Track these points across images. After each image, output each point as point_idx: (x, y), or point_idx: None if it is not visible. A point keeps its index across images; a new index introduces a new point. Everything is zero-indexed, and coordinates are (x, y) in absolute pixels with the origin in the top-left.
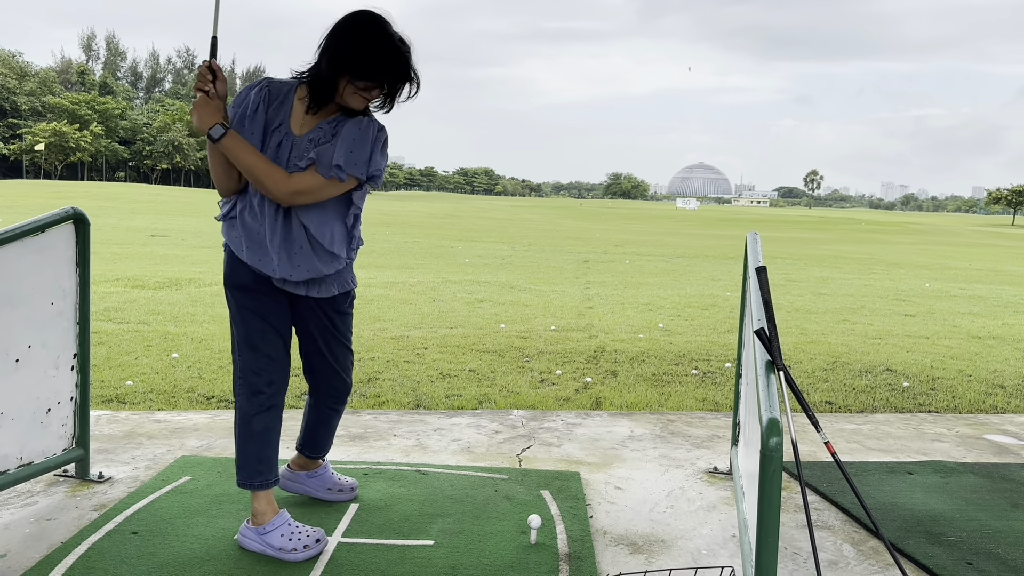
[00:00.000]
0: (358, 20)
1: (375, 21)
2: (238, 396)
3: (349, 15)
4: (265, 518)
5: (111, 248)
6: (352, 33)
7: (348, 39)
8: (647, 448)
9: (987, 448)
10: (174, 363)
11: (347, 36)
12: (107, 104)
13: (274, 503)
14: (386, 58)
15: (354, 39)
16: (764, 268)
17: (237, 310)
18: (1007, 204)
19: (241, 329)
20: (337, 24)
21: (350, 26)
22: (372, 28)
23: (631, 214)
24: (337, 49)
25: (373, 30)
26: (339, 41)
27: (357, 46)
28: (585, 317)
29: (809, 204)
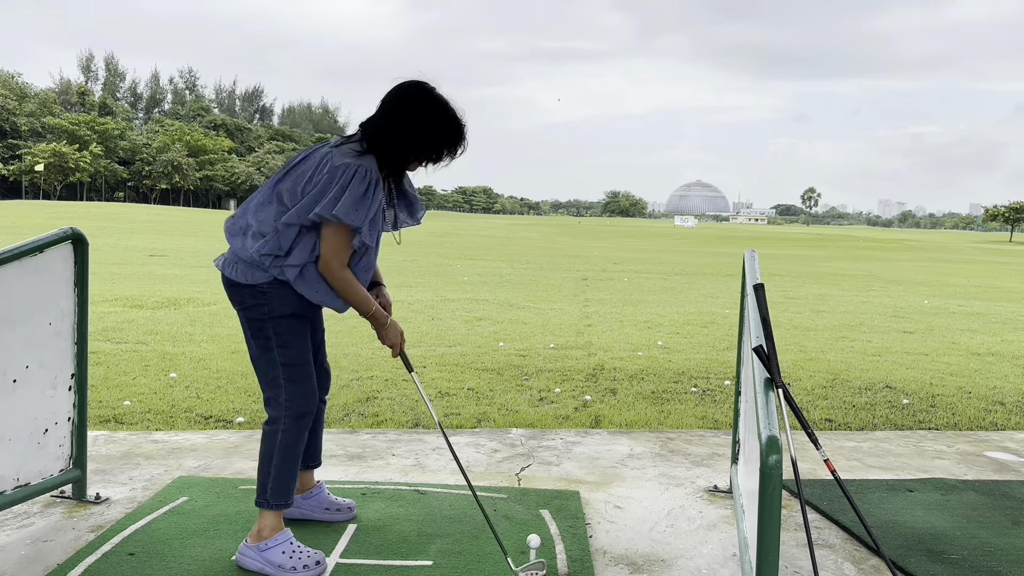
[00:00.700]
0: (430, 107)
1: (443, 104)
2: (284, 420)
3: (416, 98)
4: (269, 534)
5: (110, 268)
6: (427, 121)
7: (424, 128)
8: (647, 466)
9: (987, 465)
10: (172, 383)
11: (423, 125)
12: (107, 124)
13: (282, 521)
14: (457, 138)
15: (430, 127)
16: (762, 285)
17: (291, 337)
18: (1004, 221)
19: (293, 354)
20: (407, 109)
21: (423, 113)
22: (442, 113)
23: (629, 232)
24: (415, 138)
25: (443, 114)
26: (414, 130)
27: (433, 134)
28: (584, 335)
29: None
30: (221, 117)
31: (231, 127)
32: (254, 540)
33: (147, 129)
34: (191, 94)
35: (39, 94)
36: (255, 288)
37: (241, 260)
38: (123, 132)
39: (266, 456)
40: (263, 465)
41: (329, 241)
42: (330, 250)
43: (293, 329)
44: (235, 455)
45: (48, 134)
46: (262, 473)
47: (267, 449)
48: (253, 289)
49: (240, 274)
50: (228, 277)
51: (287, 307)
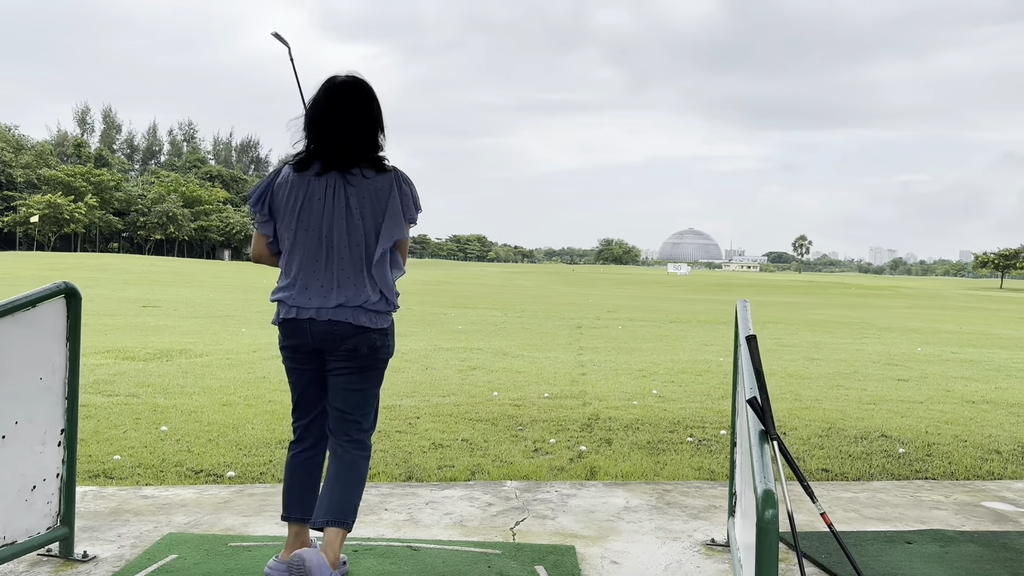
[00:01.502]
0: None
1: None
2: (371, 448)
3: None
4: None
5: (102, 319)
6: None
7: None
8: (643, 520)
9: (986, 516)
10: (163, 436)
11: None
12: (102, 176)
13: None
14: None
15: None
16: (754, 337)
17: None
18: (994, 267)
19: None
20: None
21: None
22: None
23: (623, 279)
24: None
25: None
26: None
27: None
28: (579, 384)
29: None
30: (217, 168)
31: (227, 178)
32: (335, 564)
33: (143, 180)
34: (188, 145)
35: (36, 146)
36: (383, 332)
37: (364, 309)
38: (118, 183)
39: (360, 482)
40: (356, 491)
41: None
42: (406, 248)
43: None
44: (225, 511)
45: (44, 185)
46: (352, 495)
47: (361, 475)
48: (382, 332)
49: (369, 320)
50: (355, 325)
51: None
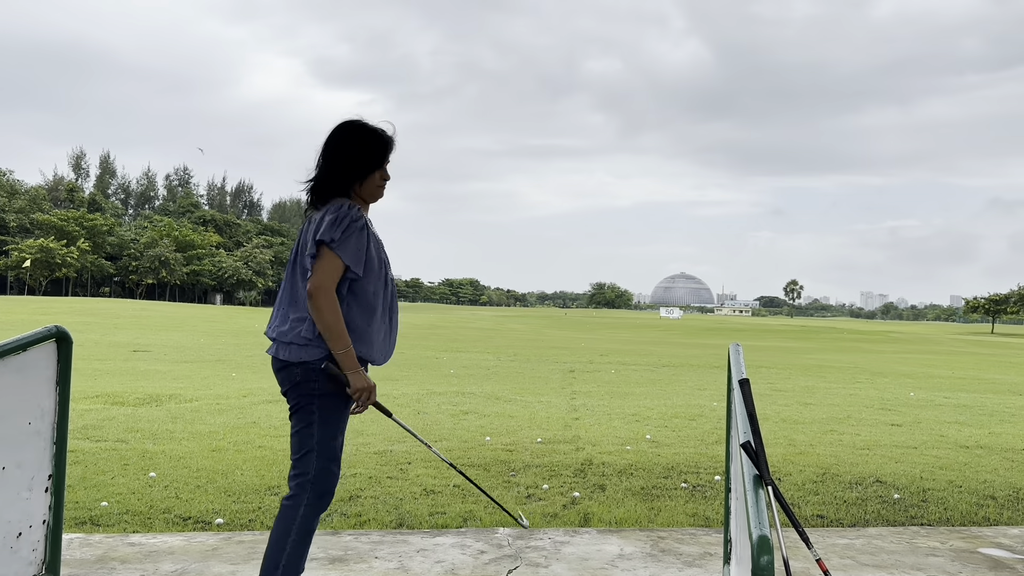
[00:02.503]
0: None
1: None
2: (308, 496)
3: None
4: None
5: (92, 364)
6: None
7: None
8: (638, 568)
9: (982, 562)
10: (151, 482)
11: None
12: (95, 220)
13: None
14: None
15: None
16: (747, 381)
17: (335, 417)
18: (985, 312)
19: (331, 433)
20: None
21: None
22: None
23: (615, 323)
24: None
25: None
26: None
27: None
28: (572, 428)
29: (790, 313)
30: (211, 213)
31: (220, 222)
32: None
33: (136, 225)
34: (182, 190)
35: (29, 191)
36: (307, 365)
37: (294, 344)
38: (111, 228)
39: (283, 533)
40: (278, 542)
41: (320, 263)
42: (319, 269)
43: (337, 410)
44: (213, 558)
45: (36, 230)
46: (275, 550)
47: (284, 527)
48: (305, 366)
49: (294, 355)
50: (281, 359)
51: (336, 386)
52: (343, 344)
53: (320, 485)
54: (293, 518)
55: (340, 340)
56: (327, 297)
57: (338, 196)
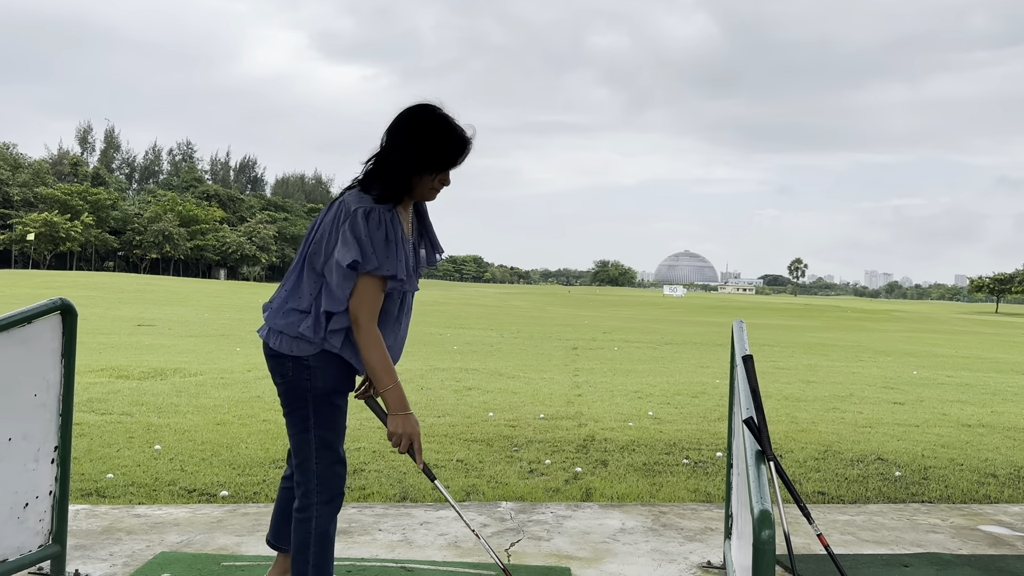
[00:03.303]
0: (432, 122)
1: (443, 117)
2: (316, 507)
3: (419, 116)
4: None
5: (97, 338)
6: (436, 137)
7: (435, 145)
8: (639, 542)
9: (982, 539)
10: (156, 455)
11: (428, 139)
12: (99, 195)
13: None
14: (462, 150)
15: (440, 143)
16: (751, 357)
17: (331, 415)
18: (989, 292)
19: (330, 435)
20: (411, 127)
21: (427, 129)
22: (446, 126)
23: (619, 301)
24: (422, 153)
25: (447, 126)
26: (421, 144)
27: (440, 147)
28: (574, 405)
29: (794, 292)
30: (214, 187)
31: (223, 197)
32: None
33: (139, 199)
34: (186, 165)
35: (33, 164)
36: (299, 361)
37: (285, 334)
38: (115, 202)
39: (302, 546)
40: (300, 554)
41: (359, 294)
42: (358, 303)
43: (333, 408)
44: (218, 530)
45: (40, 204)
46: (299, 562)
47: (302, 539)
48: (297, 362)
49: (285, 346)
50: (272, 348)
51: (330, 383)
52: (388, 381)
53: (327, 491)
54: (308, 530)
55: (385, 377)
56: (368, 334)
57: (392, 185)
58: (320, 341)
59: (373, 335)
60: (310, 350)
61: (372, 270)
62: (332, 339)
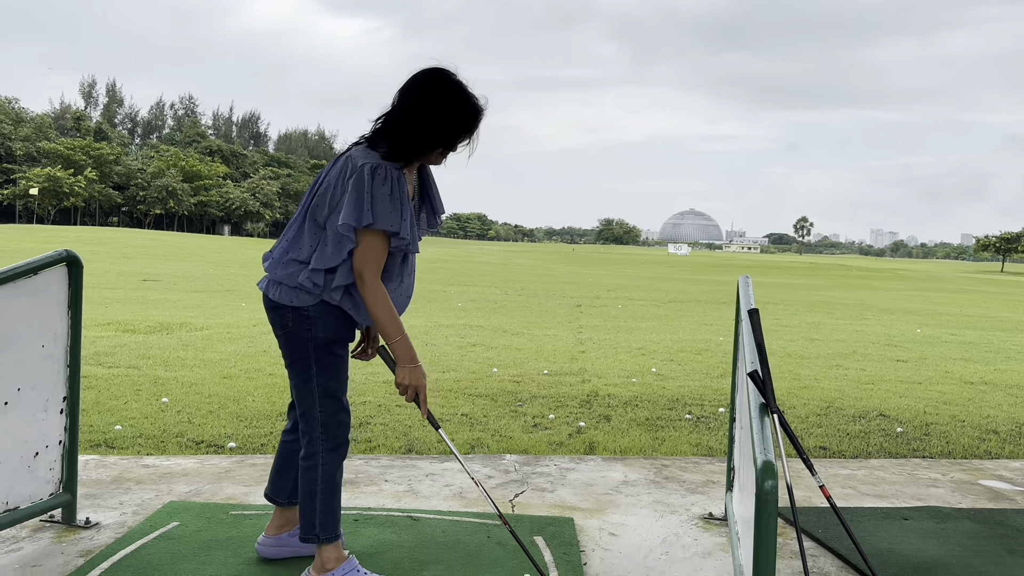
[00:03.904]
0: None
1: (457, 85)
2: (322, 454)
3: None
4: (334, 565)
5: (102, 292)
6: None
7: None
8: (641, 494)
9: (982, 494)
10: (164, 408)
11: (447, 109)
12: (102, 149)
13: (342, 549)
14: (472, 118)
15: (445, 111)
16: (756, 311)
17: (333, 365)
18: (995, 251)
19: (332, 384)
20: (426, 92)
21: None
22: (462, 96)
23: (623, 259)
24: (436, 122)
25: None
26: (436, 112)
27: (450, 117)
28: (578, 361)
29: (799, 250)
30: (217, 143)
31: (226, 153)
32: (318, 572)
33: (142, 155)
34: (188, 120)
35: (35, 119)
36: (299, 311)
37: (284, 284)
38: (118, 157)
39: (309, 493)
40: (307, 501)
41: (362, 249)
42: (362, 258)
43: (334, 358)
44: (226, 480)
45: (43, 159)
46: (306, 509)
47: (308, 486)
48: (297, 312)
49: (284, 296)
50: (271, 299)
51: (331, 333)
52: (395, 334)
53: (331, 439)
54: (314, 477)
55: (392, 329)
56: (373, 289)
57: (401, 147)
58: (319, 292)
59: (378, 290)
60: (309, 300)
61: (375, 225)
62: (333, 293)
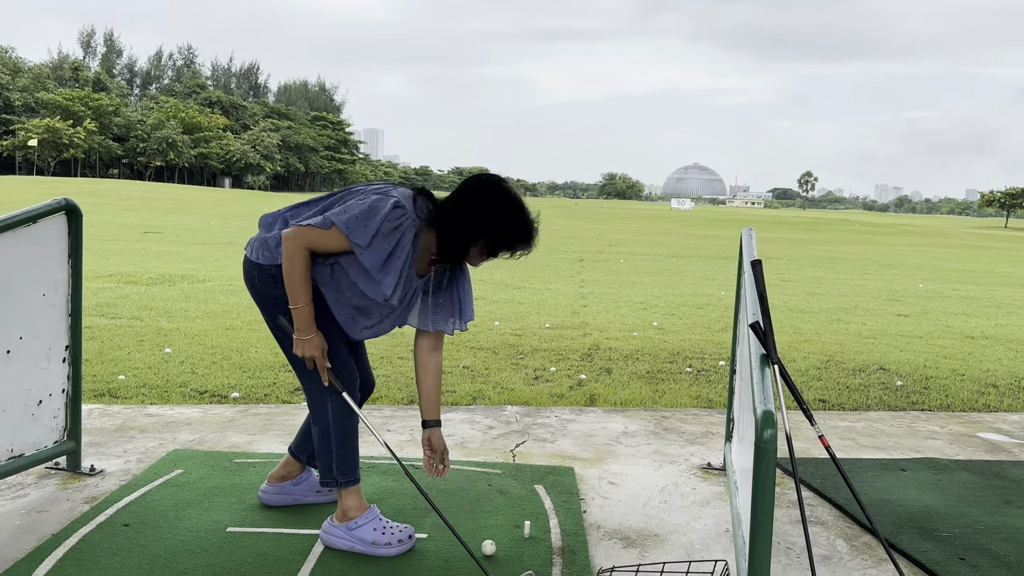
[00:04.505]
0: (507, 203)
1: (519, 203)
2: (330, 396)
3: (494, 192)
4: (356, 513)
5: (104, 244)
6: (504, 217)
7: (500, 223)
8: (641, 444)
9: (980, 446)
10: (167, 358)
11: (499, 220)
12: (101, 100)
13: (364, 498)
14: (529, 239)
15: (506, 223)
16: (759, 262)
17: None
18: (1000, 207)
19: None
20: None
21: (500, 207)
22: (519, 211)
23: (626, 214)
24: (490, 232)
25: (520, 213)
26: (490, 222)
27: (508, 229)
28: (580, 315)
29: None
30: (216, 94)
31: (226, 104)
32: (341, 520)
33: (141, 106)
34: (188, 70)
35: (33, 69)
36: (264, 269)
37: (258, 241)
38: (117, 108)
39: (323, 438)
40: (321, 447)
41: (316, 227)
42: (307, 228)
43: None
44: (230, 429)
45: (42, 109)
46: (322, 454)
47: (322, 431)
48: (262, 270)
49: (254, 253)
50: (245, 254)
51: None
52: (297, 300)
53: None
54: (326, 422)
55: (295, 296)
56: (294, 252)
57: (446, 243)
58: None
59: (297, 257)
60: (272, 259)
61: (342, 223)
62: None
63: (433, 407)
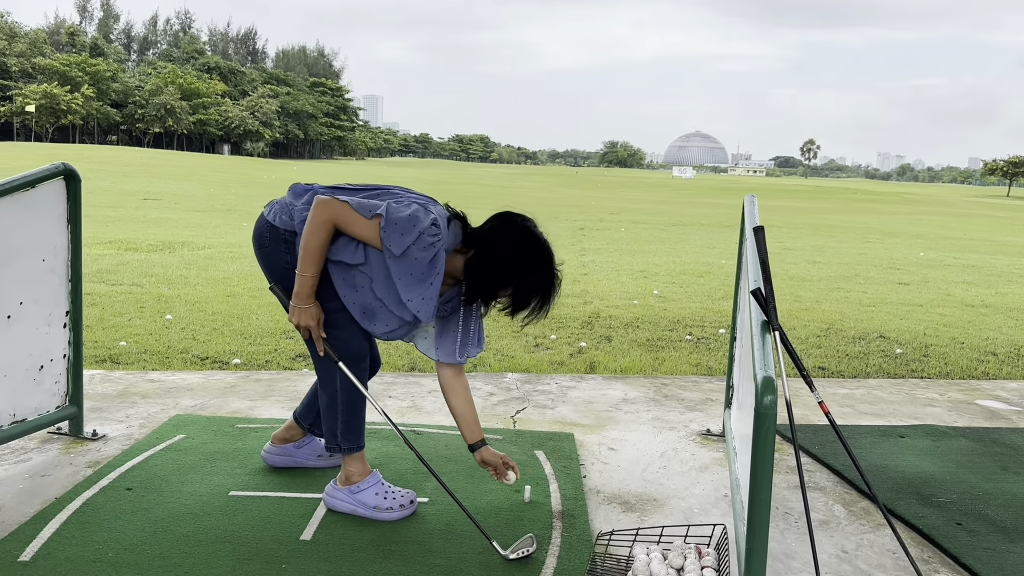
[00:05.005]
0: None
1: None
2: (337, 365)
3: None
4: (359, 478)
5: (103, 211)
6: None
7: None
8: (640, 411)
9: (978, 413)
10: (168, 324)
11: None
12: (98, 66)
13: (367, 463)
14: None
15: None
16: (762, 228)
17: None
18: (1003, 175)
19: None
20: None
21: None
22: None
23: (627, 182)
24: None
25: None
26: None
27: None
28: (580, 283)
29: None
30: (215, 60)
31: (224, 70)
32: (343, 483)
33: (139, 72)
34: (185, 35)
35: (29, 34)
36: (277, 232)
37: (280, 204)
38: (115, 74)
39: (329, 403)
40: (327, 412)
41: (354, 209)
42: (344, 204)
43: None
44: (231, 395)
45: (39, 75)
46: (328, 419)
47: (329, 397)
48: (275, 233)
49: (272, 214)
50: (264, 215)
51: None
52: (307, 269)
53: (344, 354)
54: (334, 389)
55: (305, 264)
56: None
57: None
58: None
59: (325, 225)
60: (290, 225)
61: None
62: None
63: (473, 429)
